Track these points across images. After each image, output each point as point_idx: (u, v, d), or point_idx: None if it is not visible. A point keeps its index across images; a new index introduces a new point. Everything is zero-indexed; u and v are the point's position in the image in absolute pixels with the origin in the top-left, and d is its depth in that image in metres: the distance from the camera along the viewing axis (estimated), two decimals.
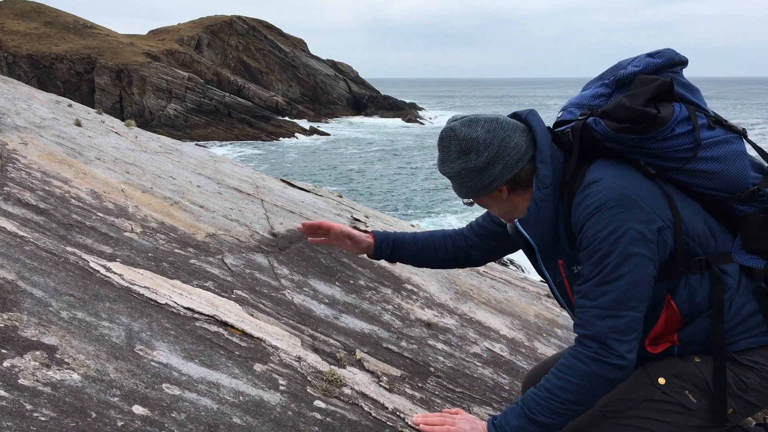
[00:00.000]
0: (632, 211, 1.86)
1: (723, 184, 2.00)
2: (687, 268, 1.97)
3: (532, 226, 2.03)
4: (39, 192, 3.22)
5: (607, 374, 1.86)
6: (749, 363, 1.99)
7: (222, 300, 2.66)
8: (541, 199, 2.00)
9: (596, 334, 1.86)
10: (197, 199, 4.35)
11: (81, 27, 64.72)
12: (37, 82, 52.43)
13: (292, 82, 75.26)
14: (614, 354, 1.85)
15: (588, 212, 1.89)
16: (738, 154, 2.01)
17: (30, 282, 2.10)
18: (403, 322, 3.28)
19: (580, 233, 1.92)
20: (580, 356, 1.89)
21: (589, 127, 2.00)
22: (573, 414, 1.92)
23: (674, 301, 1.99)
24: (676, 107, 1.95)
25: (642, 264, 1.85)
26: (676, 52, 2.05)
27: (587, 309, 1.90)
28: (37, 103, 6.42)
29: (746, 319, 2.00)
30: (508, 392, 2.87)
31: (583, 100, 2.13)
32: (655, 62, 2.02)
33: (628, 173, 1.96)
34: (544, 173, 2.00)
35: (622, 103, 1.93)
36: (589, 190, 1.92)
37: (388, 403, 2.24)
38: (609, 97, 2.06)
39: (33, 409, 1.44)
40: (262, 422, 1.79)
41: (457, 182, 2.08)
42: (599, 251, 1.86)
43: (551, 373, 1.95)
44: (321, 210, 5.61)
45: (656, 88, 1.93)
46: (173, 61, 63.79)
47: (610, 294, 1.85)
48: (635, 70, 2.02)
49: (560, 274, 2.12)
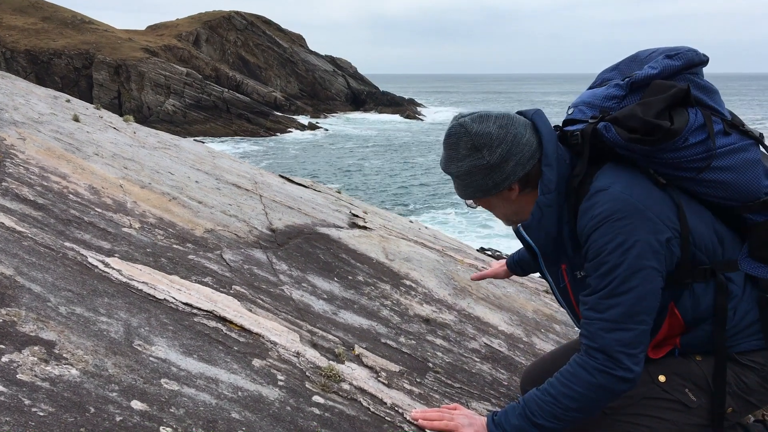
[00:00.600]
0: (641, 222, 1.82)
1: (734, 194, 1.94)
2: (692, 277, 1.94)
3: (536, 231, 1.99)
4: (37, 187, 3.22)
5: (612, 386, 1.85)
6: (750, 363, 1.99)
7: (220, 295, 2.66)
8: (546, 204, 1.95)
9: (603, 347, 1.84)
10: (196, 195, 4.35)
11: (79, 22, 64.54)
12: (35, 77, 52.31)
13: (290, 77, 75.14)
14: (621, 367, 1.83)
15: (595, 222, 1.85)
16: (752, 163, 1.93)
17: (28, 277, 2.10)
18: (401, 318, 3.28)
19: (586, 243, 1.88)
20: (586, 366, 1.87)
21: (599, 132, 1.94)
22: (573, 420, 1.91)
23: (678, 309, 1.98)
24: (691, 115, 1.88)
25: (650, 277, 1.82)
26: (697, 52, 1.95)
27: (594, 321, 1.87)
28: (35, 99, 6.40)
29: (749, 326, 1.99)
30: (506, 388, 2.87)
31: (595, 100, 2.05)
32: (673, 65, 1.93)
33: (637, 181, 1.91)
34: (548, 177, 1.95)
35: (634, 112, 1.86)
36: (596, 198, 1.87)
37: (386, 398, 2.25)
38: (622, 100, 1.98)
39: (31, 404, 1.44)
40: (261, 417, 1.79)
41: (464, 181, 2.00)
42: (607, 263, 1.83)
43: (555, 378, 1.93)
44: (320, 206, 5.61)
45: (671, 97, 1.85)
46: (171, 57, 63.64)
47: (618, 308, 1.82)
48: (652, 73, 1.93)
49: (563, 278, 2.09)
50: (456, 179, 2.03)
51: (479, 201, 2.08)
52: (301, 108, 69.04)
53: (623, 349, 1.82)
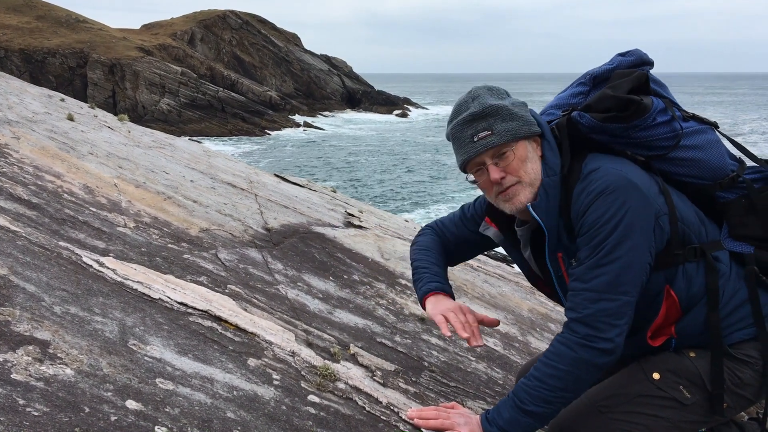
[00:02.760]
0: (633, 195, 1.88)
1: (705, 172, 2.07)
2: (684, 256, 1.99)
3: (545, 211, 2.00)
4: (31, 186, 3.21)
5: (593, 359, 1.87)
6: (744, 357, 2.01)
7: (216, 295, 2.66)
8: (551, 185, 2.00)
9: (586, 317, 1.88)
10: (191, 194, 4.34)
11: (73, 21, 64.31)
12: (30, 76, 52.08)
13: (285, 77, 75.02)
14: (602, 338, 1.86)
15: (591, 197, 1.90)
16: (715, 143, 2.09)
17: (23, 277, 2.09)
18: (397, 317, 3.28)
19: (582, 218, 1.92)
20: (568, 342, 1.90)
21: (574, 121, 2.04)
22: (563, 401, 1.93)
23: (673, 291, 2.00)
24: (654, 99, 2.01)
25: (638, 248, 1.87)
26: (645, 53, 2.14)
27: (580, 292, 1.91)
28: (30, 98, 6.38)
29: (739, 307, 2.02)
30: (501, 386, 2.88)
31: (561, 101, 2.20)
32: (628, 60, 2.11)
33: (624, 161, 2.01)
34: (553, 160, 2.02)
35: (605, 93, 1.99)
36: (590, 177, 1.93)
37: (382, 397, 2.25)
38: (587, 95, 2.13)
39: (26, 403, 1.44)
40: (256, 417, 1.79)
41: (510, 112, 1.98)
42: (599, 235, 1.88)
43: (540, 361, 1.96)
44: (315, 205, 5.60)
45: (635, 79, 2.00)
46: (166, 56, 63.47)
47: (603, 276, 1.87)
48: (609, 67, 2.10)
49: (560, 268, 2.11)
50: (499, 116, 1.98)
51: (518, 148, 2.00)
52: (297, 107, 68.93)
53: (607, 320, 1.86)
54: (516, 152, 2.00)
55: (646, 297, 1.95)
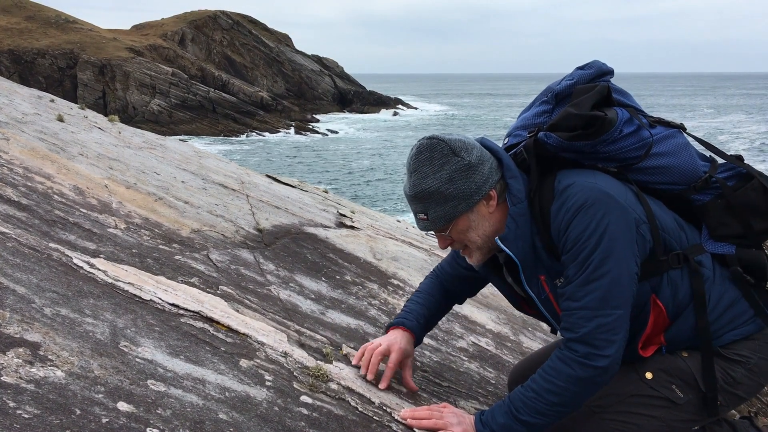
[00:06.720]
0: (612, 207, 1.88)
1: (677, 178, 2.07)
2: (667, 263, 1.99)
3: (513, 241, 2.00)
4: (21, 188, 3.19)
5: (593, 378, 1.87)
6: (736, 357, 2.01)
7: (207, 296, 2.65)
8: (519, 213, 1.99)
9: (584, 336, 1.86)
10: (182, 195, 4.32)
11: (63, 22, 64.00)
12: (19, 77, 51.77)
13: (277, 77, 74.90)
14: (601, 356, 1.85)
15: (570, 214, 1.89)
16: (684, 146, 2.09)
17: (12, 278, 2.08)
18: (389, 317, 3.28)
19: (564, 235, 1.91)
20: (567, 359, 1.89)
21: (541, 141, 2.02)
22: (559, 415, 1.93)
23: (660, 300, 2.01)
24: (618, 110, 2.00)
25: (624, 259, 1.86)
26: (604, 63, 2.14)
27: (574, 311, 1.90)
28: (19, 99, 6.34)
29: (728, 309, 2.02)
30: (494, 386, 2.88)
31: (526, 122, 2.18)
32: (587, 73, 2.10)
33: (596, 174, 2.00)
34: (517, 188, 2.00)
35: (568, 112, 1.97)
36: (566, 193, 1.92)
37: (374, 397, 2.24)
38: (551, 113, 2.11)
39: (16, 406, 1.43)
40: (249, 418, 1.78)
41: (443, 195, 1.97)
42: (584, 251, 1.87)
43: (538, 374, 1.96)
44: (307, 205, 5.60)
45: (597, 94, 1.98)
46: (157, 56, 63.25)
47: (595, 293, 1.85)
48: (570, 83, 2.09)
49: (544, 290, 2.09)
50: (432, 200, 1.99)
51: (457, 223, 2.03)
52: (288, 108, 68.84)
53: (605, 336, 1.86)
54: (456, 226, 2.04)
55: (632, 308, 1.95)
